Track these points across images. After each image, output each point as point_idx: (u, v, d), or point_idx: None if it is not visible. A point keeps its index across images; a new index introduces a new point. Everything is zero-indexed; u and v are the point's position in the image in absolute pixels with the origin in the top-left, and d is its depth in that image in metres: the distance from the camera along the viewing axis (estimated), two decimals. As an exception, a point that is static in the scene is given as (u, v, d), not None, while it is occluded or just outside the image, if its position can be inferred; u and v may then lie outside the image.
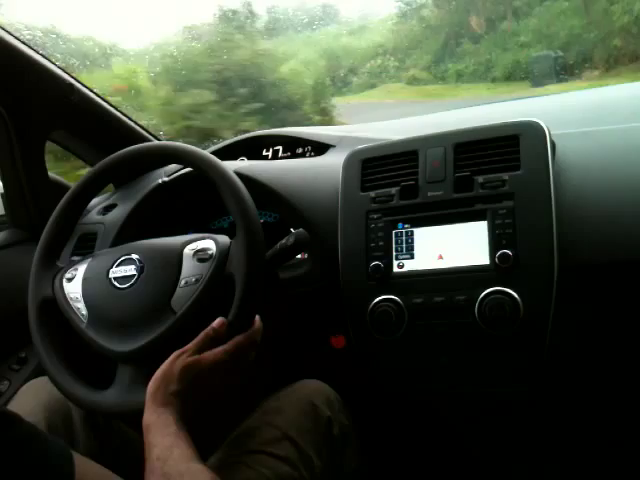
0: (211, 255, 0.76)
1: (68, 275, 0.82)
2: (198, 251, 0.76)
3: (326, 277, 0.90)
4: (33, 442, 0.40)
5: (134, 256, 0.78)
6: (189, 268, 0.75)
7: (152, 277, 0.76)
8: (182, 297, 0.74)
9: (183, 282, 0.75)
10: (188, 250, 0.77)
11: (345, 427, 0.82)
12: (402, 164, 0.90)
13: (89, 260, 0.83)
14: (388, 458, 0.91)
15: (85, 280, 0.80)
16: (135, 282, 0.76)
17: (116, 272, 0.78)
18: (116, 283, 0.77)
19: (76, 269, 0.83)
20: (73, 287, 0.81)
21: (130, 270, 0.77)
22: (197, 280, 0.74)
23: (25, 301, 0.84)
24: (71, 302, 0.80)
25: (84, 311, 0.78)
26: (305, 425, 0.76)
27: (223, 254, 0.76)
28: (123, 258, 0.79)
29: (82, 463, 0.43)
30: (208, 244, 0.77)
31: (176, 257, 0.77)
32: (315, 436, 0.76)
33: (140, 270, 0.77)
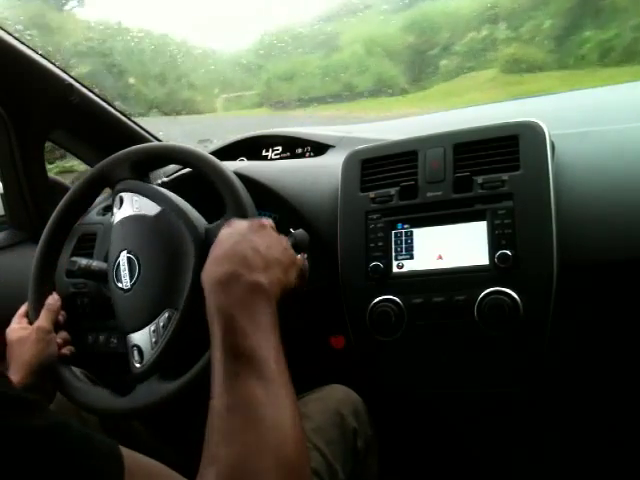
0: None
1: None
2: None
3: (326, 277, 0.90)
4: (83, 443, 0.37)
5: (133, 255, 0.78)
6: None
7: (152, 277, 0.76)
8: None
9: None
10: None
11: (369, 438, 0.82)
12: (402, 164, 0.90)
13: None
14: (389, 459, 0.91)
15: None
16: (130, 287, 0.76)
17: (118, 268, 0.78)
18: (117, 282, 0.78)
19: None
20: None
21: (127, 275, 0.77)
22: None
23: (25, 301, 0.84)
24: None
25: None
26: (332, 437, 0.75)
27: None
28: (132, 256, 0.79)
29: (132, 459, 0.39)
30: None
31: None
32: (341, 448, 0.75)
33: (137, 275, 0.77)
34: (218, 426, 0.43)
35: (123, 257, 0.78)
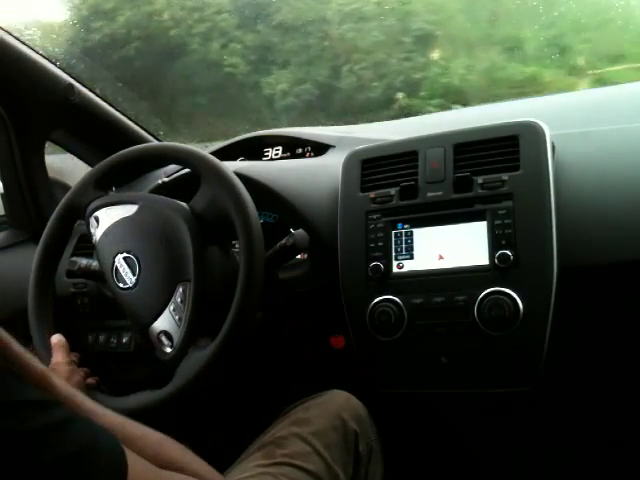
0: (171, 346, 0.75)
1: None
2: (164, 333, 0.76)
3: (325, 277, 0.90)
4: (84, 435, 0.37)
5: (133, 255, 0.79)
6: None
7: (154, 263, 0.76)
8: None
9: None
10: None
11: (371, 442, 0.81)
12: (402, 164, 0.90)
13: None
14: (393, 462, 0.91)
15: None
16: (136, 282, 0.76)
17: (117, 272, 0.78)
18: (119, 284, 0.78)
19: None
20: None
21: (128, 273, 0.77)
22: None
23: (25, 302, 0.84)
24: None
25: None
26: (333, 440, 0.75)
27: None
28: (129, 255, 0.79)
29: (132, 458, 0.39)
30: None
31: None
32: (342, 452, 0.75)
33: (139, 269, 0.77)
34: None
35: (119, 260, 0.78)
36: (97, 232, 0.81)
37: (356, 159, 0.94)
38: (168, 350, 0.74)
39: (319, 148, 1.17)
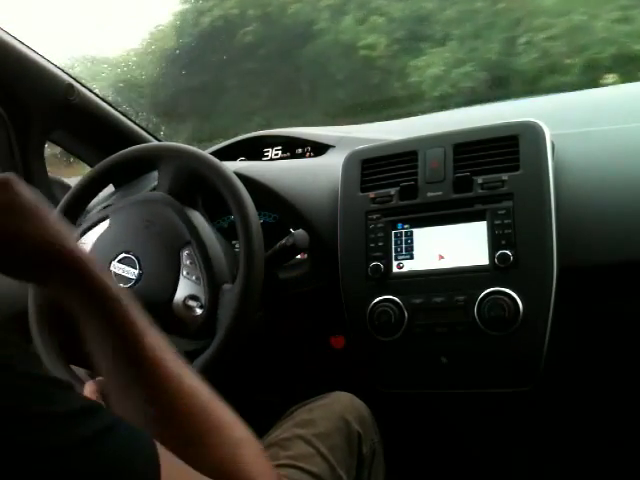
0: (202, 305, 0.76)
1: None
2: (191, 297, 0.77)
3: (325, 277, 0.90)
4: (119, 447, 0.34)
5: (132, 255, 0.79)
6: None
7: (153, 258, 0.77)
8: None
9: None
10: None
11: (374, 444, 0.81)
12: (401, 164, 0.90)
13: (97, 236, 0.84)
14: (395, 463, 0.91)
15: None
16: (140, 272, 0.77)
17: (118, 276, 0.78)
18: (125, 284, 0.78)
19: None
20: None
21: (130, 270, 0.77)
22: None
23: (25, 302, 0.84)
24: None
25: None
26: (337, 443, 0.75)
27: None
28: (122, 256, 0.79)
29: (166, 458, 0.36)
30: None
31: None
32: (346, 454, 0.75)
33: (137, 261, 0.77)
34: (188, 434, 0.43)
35: (115, 266, 0.79)
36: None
37: (356, 159, 0.94)
38: (199, 311, 0.75)
39: (319, 148, 1.17)
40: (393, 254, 0.85)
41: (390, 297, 0.83)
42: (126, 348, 0.44)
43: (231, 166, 0.84)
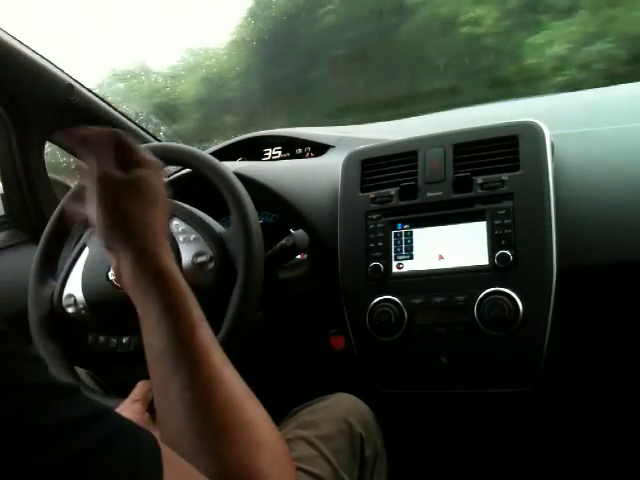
0: (211, 257, 0.76)
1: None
2: (197, 254, 0.77)
3: (325, 277, 0.90)
4: (119, 439, 0.34)
5: None
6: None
7: None
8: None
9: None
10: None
11: (377, 446, 0.81)
12: (401, 164, 0.90)
13: (83, 262, 0.84)
14: (397, 465, 0.90)
15: (85, 286, 0.81)
16: None
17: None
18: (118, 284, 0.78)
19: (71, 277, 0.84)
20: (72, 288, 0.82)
21: None
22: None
23: (25, 302, 0.84)
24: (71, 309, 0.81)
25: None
26: (340, 445, 0.75)
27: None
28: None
29: (169, 459, 0.36)
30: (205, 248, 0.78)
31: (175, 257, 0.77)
32: (349, 457, 0.75)
33: None
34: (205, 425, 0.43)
35: (112, 276, 0.79)
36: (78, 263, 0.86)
37: (356, 159, 0.94)
38: (211, 264, 0.76)
39: (319, 148, 1.17)
40: (393, 254, 0.85)
41: (390, 297, 0.83)
42: (180, 333, 0.47)
43: (231, 166, 0.84)
